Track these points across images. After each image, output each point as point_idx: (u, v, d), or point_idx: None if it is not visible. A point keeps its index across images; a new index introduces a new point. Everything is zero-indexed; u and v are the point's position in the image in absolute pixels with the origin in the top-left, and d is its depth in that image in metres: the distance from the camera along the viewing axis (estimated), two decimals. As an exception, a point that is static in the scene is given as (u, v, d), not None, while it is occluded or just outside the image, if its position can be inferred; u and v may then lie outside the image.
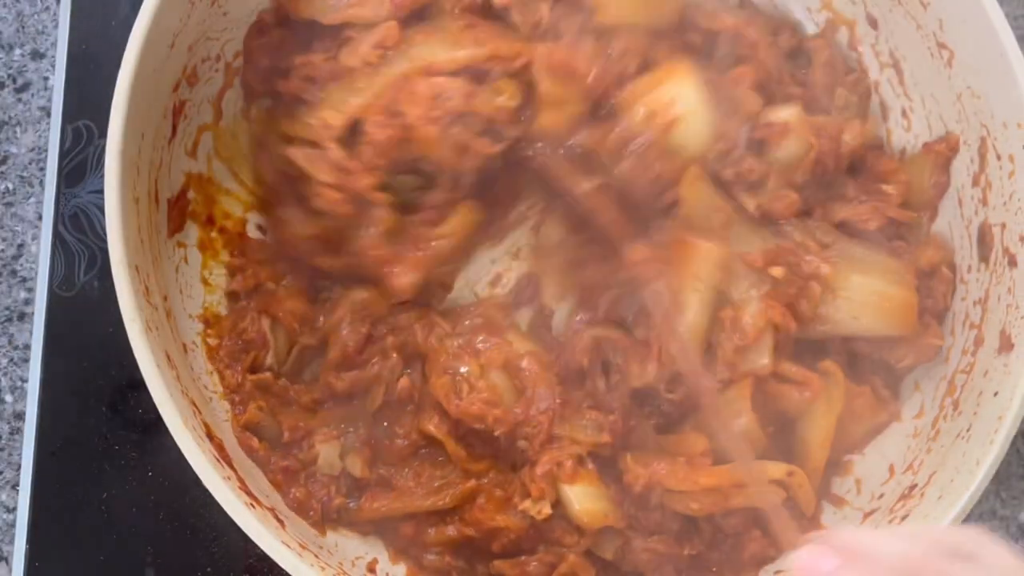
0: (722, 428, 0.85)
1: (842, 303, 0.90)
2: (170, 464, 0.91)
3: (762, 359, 0.88)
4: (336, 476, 0.91)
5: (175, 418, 0.77)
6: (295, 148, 0.89)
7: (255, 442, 0.89)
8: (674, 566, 0.89)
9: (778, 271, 0.89)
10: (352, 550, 0.90)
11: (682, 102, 0.89)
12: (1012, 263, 0.86)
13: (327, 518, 0.90)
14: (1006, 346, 0.85)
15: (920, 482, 0.88)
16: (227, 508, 0.76)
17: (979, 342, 0.89)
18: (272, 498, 0.87)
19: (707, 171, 0.91)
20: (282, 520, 0.84)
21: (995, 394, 0.84)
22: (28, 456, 0.97)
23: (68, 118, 1.05)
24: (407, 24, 0.93)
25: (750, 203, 0.93)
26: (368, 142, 0.87)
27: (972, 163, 0.91)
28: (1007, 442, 0.81)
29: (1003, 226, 0.88)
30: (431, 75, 0.88)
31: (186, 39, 0.88)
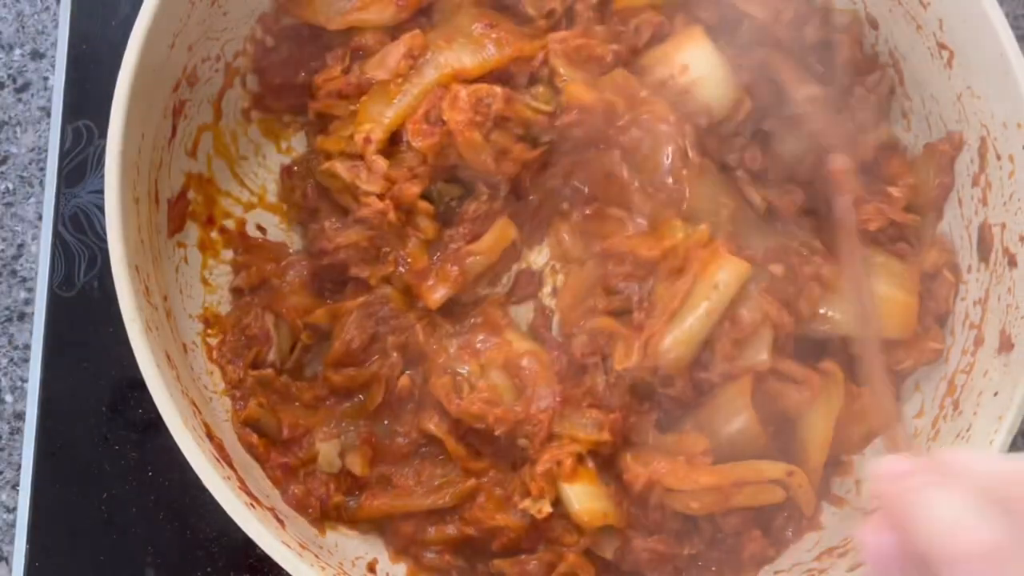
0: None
1: (843, 304, 0.90)
2: (170, 464, 0.91)
3: (760, 355, 0.88)
4: (336, 474, 0.91)
5: (175, 418, 0.77)
6: (336, 162, 0.92)
7: (255, 438, 0.89)
8: (674, 565, 0.89)
9: (777, 268, 0.90)
10: (352, 550, 0.90)
11: (697, 65, 0.91)
12: (1012, 263, 0.86)
13: (326, 515, 0.90)
14: (1006, 346, 0.85)
15: (920, 482, 0.87)
16: (227, 508, 0.76)
17: (979, 342, 0.89)
18: (272, 498, 0.87)
19: (715, 161, 0.92)
20: (282, 520, 0.84)
21: (995, 394, 0.84)
22: (28, 456, 0.97)
23: (68, 118, 1.05)
24: (418, 24, 0.94)
25: (756, 197, 0.93)
26: (410, 150, 0.90)
27: (972, 163, 0.91)
28: (1007, 442, 0.81)
29: (1003, 226, 0.88)
30: (461, 81, 0.91)
31: (186, 39, 0.88)
